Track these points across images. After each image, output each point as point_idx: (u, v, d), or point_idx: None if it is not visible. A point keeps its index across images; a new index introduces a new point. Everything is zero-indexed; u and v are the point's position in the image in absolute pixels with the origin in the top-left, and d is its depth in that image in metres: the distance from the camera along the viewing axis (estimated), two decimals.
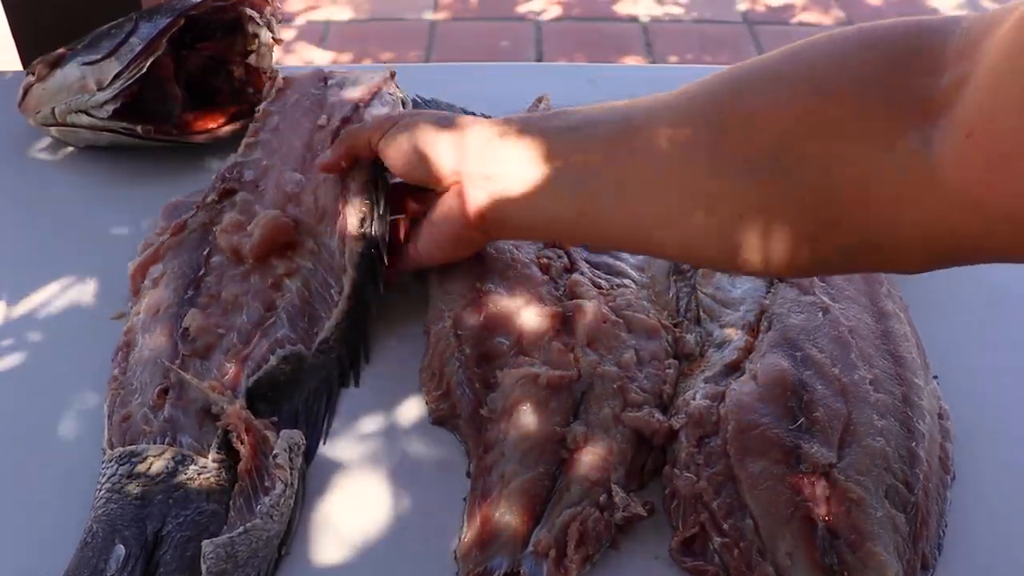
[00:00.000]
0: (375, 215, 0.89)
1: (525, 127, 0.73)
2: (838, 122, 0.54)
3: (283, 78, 1.07)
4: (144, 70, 1.03)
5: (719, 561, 0.70)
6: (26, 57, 1.33)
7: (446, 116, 0.79)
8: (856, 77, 0.54)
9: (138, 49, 1.03)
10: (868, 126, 0.53)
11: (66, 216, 1.03)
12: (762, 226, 0.58)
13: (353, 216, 0.89)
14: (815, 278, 0.87)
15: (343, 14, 3.21)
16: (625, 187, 0.65)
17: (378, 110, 1.00)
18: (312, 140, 0.96)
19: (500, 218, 0.77)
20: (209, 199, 0.93)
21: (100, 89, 1.03)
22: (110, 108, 1.03)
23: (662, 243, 0.67)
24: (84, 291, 0.93)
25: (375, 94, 1.03)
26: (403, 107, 1.05)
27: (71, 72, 1.05)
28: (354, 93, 1.03)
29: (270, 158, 0.96)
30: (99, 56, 1.04)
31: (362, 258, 0.88)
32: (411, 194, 0.87)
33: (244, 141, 0.99)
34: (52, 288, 0.93)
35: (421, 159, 0.78)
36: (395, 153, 0.80)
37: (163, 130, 1.07)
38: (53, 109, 1.05)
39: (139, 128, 1.05)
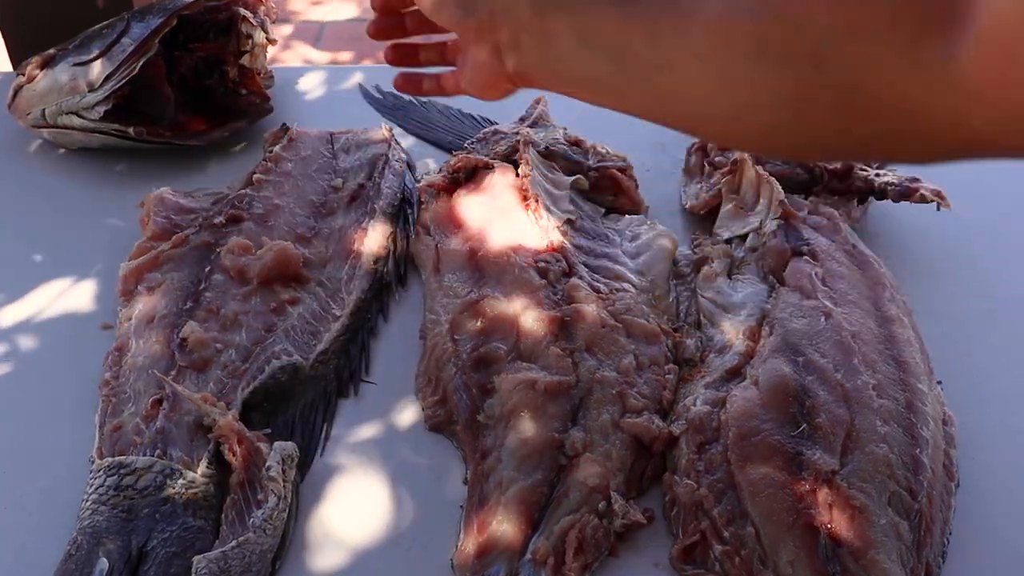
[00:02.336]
0: (390, 258, 0.95)
1: None
2: (873, 28, 0.58)
3: (295, 130, 1.07)
4: (136, 71, 1.02)
5: (720, 569, 0.70)
6: (16, 58, 1.32)
7: None
8: None
9: (130, 50, 1.02)
10: (899, 33, 0.57)
11: (57, 218, 1.02)
12: (797, 114, 0.62)
13: (369, 255, 0.93)
14: (818, 283, 0.87)
15: (342, 13, 3.20)
16: (670, 63, 0.66)
17: (389, 180, 1.03)
18: (327, 199, 1.00)
19: (534, 77, 0.74)
20: (216, 221, 0.94)
21: (91, 90, 1.02)
22: (101, 109, 1.02)
23: (700, 117, 0.68)
24: (74, 294, 0.92)
25: (386, 163, 1.05)
26: (409, 168, 1.07)
27: (61, 73, 1.04)
28: (364, 157, 1.05)
29: (281, 198, 0.98)
30: (89, 57, 1.03)
31: (370, 284, 0.92)
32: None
33: (254, 176, 1.00)
34: (42, 291, 0.92)
35: (446, 6, 0.75)
36: None
37: (155, 132, 1.06)
38: (43, 111, 1.05)
39: (131, 130, 1.05)
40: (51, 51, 1.08)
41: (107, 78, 1.02)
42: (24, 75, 1.07)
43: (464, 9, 0.74)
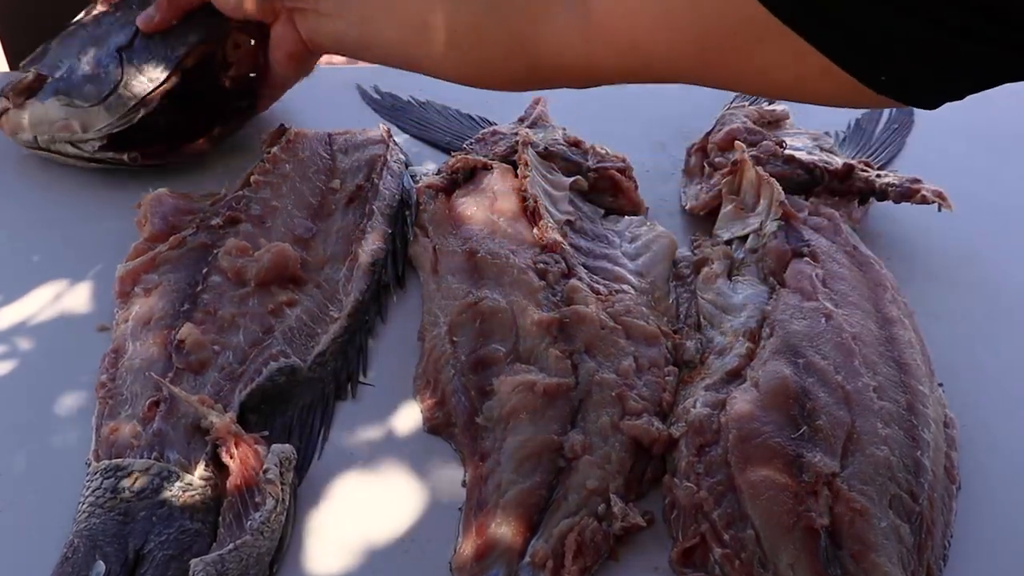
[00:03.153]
0: (388, 260, 0.95)
1: None
2: None
3: (293, 131, 1.06)
4: (135, 121, 1.01)
5: (720, 572, 0.69)
6: (12, 55, 1.32)
7: None
8: None
9: (131, 104, 0.99)
10: None
11: (54, 219, 1.02)
12: (473, 41, 0.81)
13: (367, 256, 0.93)
14: (819, 284, 0.87)
15: None
16: (388, 10, 0.86)
17: (388, 182, 1.03)
18: (326, 200, 1.00)
19: (316, 40, 0.95)
20: (214, 222, 0.93)
21: (85, 131, 1.00)
22: (97, 144, 1.02)
23: (408, 53, 0.89)
24: (71, 296, 0.92)
25: (384, 164, 1.04)
26: (407, 169, 1.08)
27: (53, 110, 1.01)
28: (362, 158, 1.05)
29: (279, 200, 0.97)
30: (85, 103, 1.00)
31: (368, 286, 0.91)
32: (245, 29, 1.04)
33: (252, 177, 0.99)
34: (38, 292, 0.92)
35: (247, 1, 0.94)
36: None
37: (152, 153, 1.05)
38: (36, 137, 1.03)
39: (126, 156, 1.03)
40: (31, 75, 1.03)
41: (105, 125, 1.00)
42: (8, 99, 1.03)
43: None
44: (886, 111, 1.21)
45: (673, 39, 0.61)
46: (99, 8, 1.06)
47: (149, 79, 1.00)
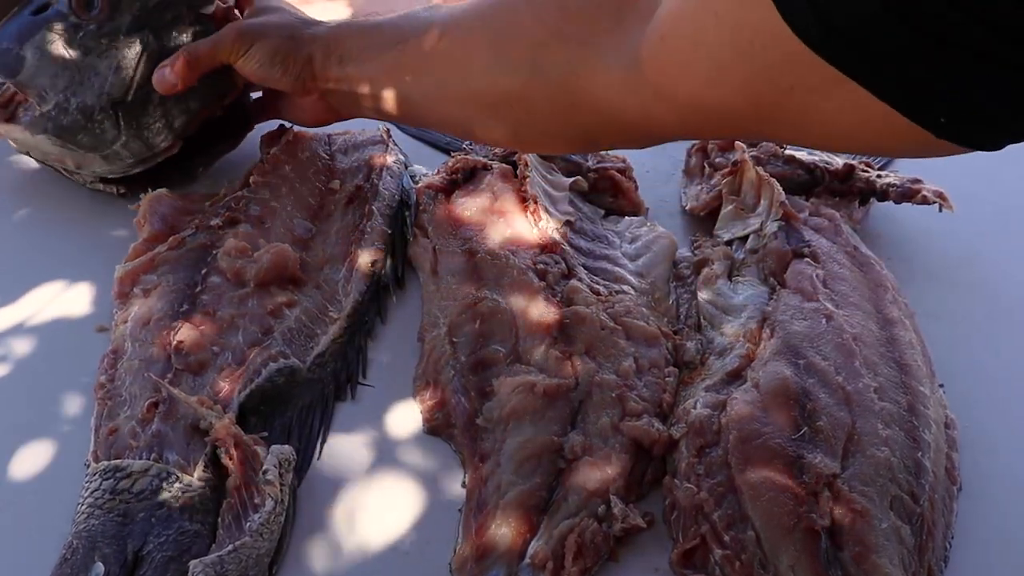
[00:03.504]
0: (387, 261, 0.95)
1: (359, 44, 0.89)
2: (575, 33, 0.70)
3: (292, 132, 1.05)
4: (131, 174, 0.99)
5: (720, 573, 0.69)
6: None
7: (292, 37, 0.91)
8: (592, 2, 0.71)
9: (128, 162, 0.96)
10: (597, 36, 0.69)
11: (53, 219, 1.01)
12: (524, 110, 0.77)
13: (366, 257, 0.93)
14: (819, 285, 0.87)
15: (337, 12, 3.19)
16: (430, 91, 0.84)
17: (387, 182, 1.03)
18: (325, 201, 0.99)
19: (353, 114, 0.96)
20: (213, 223, 0.93)
21: (79, 168, 0.98)
22: (91, 178, 1.00)
23: (461, 127, 0.88)
24: (70, 296, 0.92)
25: (383, 166, 1.04)
26: (405, 168, 1.07)
27: (45, 145, 0.95)
28: (361, 158, 1.05)
29: (278, 201, 0.97)
30: (80, 149, 0.95)
31: (367, 287, 0.91)
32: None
33: (251, 178, 0.99)
34: (37, 293, 0.92)
35: (281, 79, 0.91)
36: (257, 74, 0.92)
37: (141, 187, 0.99)
38: (28, 152, 1.00)
39: (116, 190, 1.01)
40: (7, 90, 0.98)
41: (101, 170, 0.98)
42: None
43: (292, 76, 0.90)
44: None
45: (727, 95, 0.57)
46: (75, 16, 0.93)
47: (148, 146, 0.96)
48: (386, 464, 0.78)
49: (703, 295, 0.90)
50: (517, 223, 0.95)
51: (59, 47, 0.93)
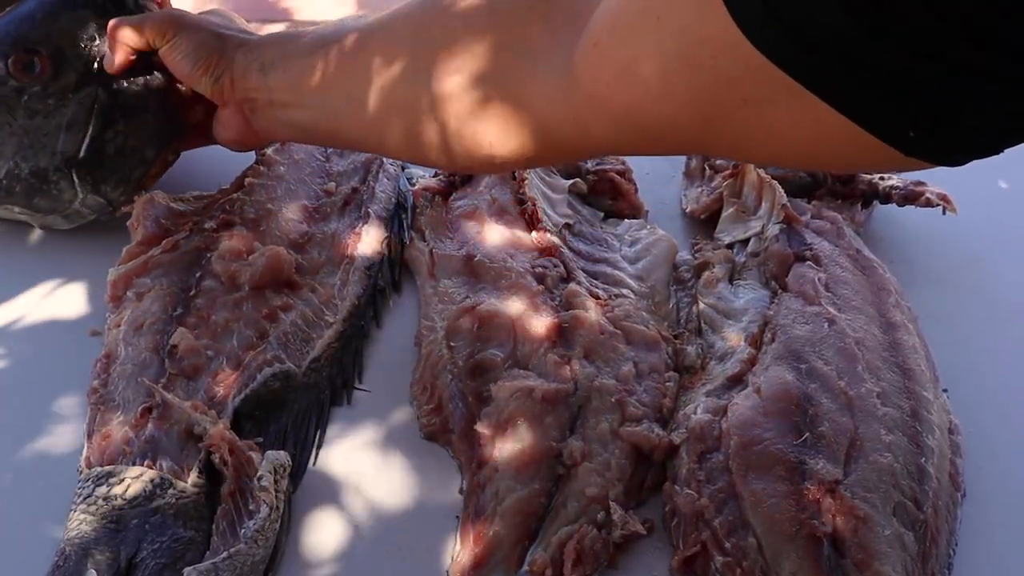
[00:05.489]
0: (384, 264, 0.94)
1: (281, 52, 0.84)
2: (508, 43, 0.66)
3: None
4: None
5: None
6: None
7: (220, 36, 0.86)
8: (523, 5, 0.66)
9: (90, 218, 0.94)
10: (530, 44, 0.64)
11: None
12: (449, 123, 0.70)
13: (362, 260, 0.92)
14: (821, 288, 0.86)
15: (335, 12, 3.20)
16: (351, 100, 0.77)
17: (384, 184, 1.02)
18: (320, 203, 0.99)
19: (269, 129, 0.88)
20: (207, 225, 0.92)
21: (44, 227, 0.97)
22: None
23: (381, 142, 0.79)
24: (62, 300, 0.91)
25: (380, 166, 1.04)
26: (402, 170, 1.06)
27: (2, 212, 0.94)
28: (357, 160, 1.04)
29: (273, 202, 0.96)
30: (38, 213, 0.93)
31: (364, 290, 0.91)
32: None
33: (246, 180, 0.98)
34: (29, 296, 0.91)
35: (201, 77, 0.86)
36: (178, 64, 0.86)
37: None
38: None
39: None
40: None
41: (65, 226, 0.96)
42: None
43: (212, 77, 0.85)
44: None
45: (670, 108, 0.53)
46: (15, 80, 0.89)
47: (108, 201, 0.93)
48: (383, 470, 0.78)
49: (704, 299, 0.90)
50: (515, 226, 0.95)
51: (3, 112, 0.90)
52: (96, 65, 0.89)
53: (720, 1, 0.45)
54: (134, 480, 0.71)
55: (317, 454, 0.79)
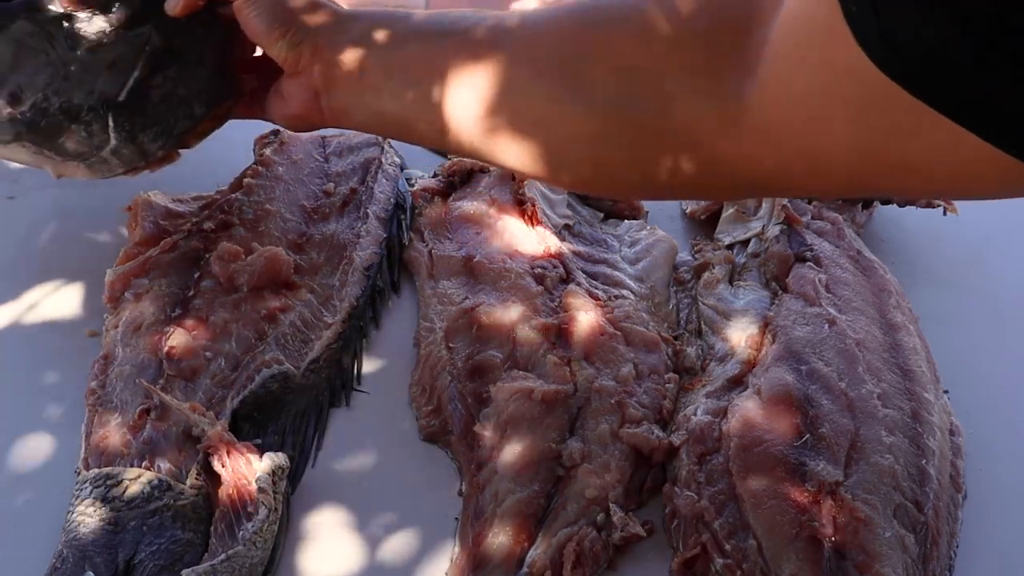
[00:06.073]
0: (383, 265, 0.94)
1: (384, 29, 0.75)
2: (674, 70, 0.62)
3: (287, 133, 1.04)
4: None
5: None
6: None
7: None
8: (691, 32, 0.61)
9: (117, 171, 0.84)
10: (696, 75, 0.61)
11: (43, 222, 1.00)
12: (600, 150, 0.65)
13: (361, 261, 0.92)
14: (822, 289, 0.86)
15: None
16: (467, 100, 0.70)
17: (383, 185, 1.02)
18: (319, 204, 0.98)
19: (344, 111, 0.78)
20: (206, 226, 0.92)
21: (59, 177, 0.87)
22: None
23: (495, 152, 0.71)
24: (60, 301, 0.91)
25: (379, 167, 1.03)
26: (401, 171, 1.06)
27: (18, 154, 0.84)
28: (356, 161, 1.04)
29: (272, 203, 0.96)
30: (59, 157, 0.82)
31: (362, 291, 0.90)
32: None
33: (245, 180, 0.98)
34: (27, 297, 0.91)
35: (277, 39, 0.76)
36: (253, 20, 0.77)
37: None
38: None
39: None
40: None
41: (83, 177, 0.85)
42: None
43: (290, 41, 0.76)
44: None
45: (829, 144, 0.52)
46: (59, 6, 0.80)
47: (142, 152, 0.83)
48: (381, 472, 0.78)
49: (704, 300, 0.90)
50: (514, 227, 0.94)
51: (40, 39, 0.79)
52: (154, 4, 0.80)
53: (848, 31, 0.45)
54: (132, 482, 0.71)
55: (316, 456, 0.79)
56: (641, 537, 0.72)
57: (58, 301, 0.91)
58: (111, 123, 0.80)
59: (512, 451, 0.75)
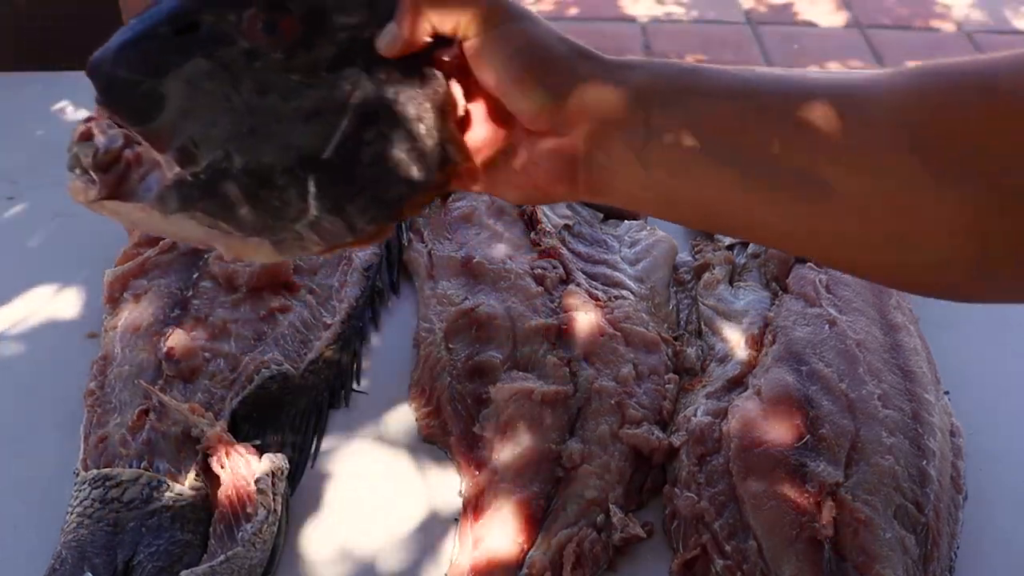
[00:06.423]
0: (382, 265, 0.93)
1: (676, 81, 0.58)
2: None
3: None
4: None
5: None
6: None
7: (565, 40, 0.59)
8: None
9: (315, 249, 0.63)
10: None
11: (41, 222, 1.00)
12: (980, 243, 0.52)
13: (360, 261, 0.92)
14: (822, 290, 0.86)
15: None
16: (822, 177, 0.54)
17: None
18: None
19: (612, 184, 0.59)
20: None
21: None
22: None
23: (856, 247, 0.56)
24: (58, 302, 0.91)
25: None
26: None
27: (186, 228, 0.62)
28: None
29: None
30: (239, 232, 0.61)
31: (362, 292, 0.90)
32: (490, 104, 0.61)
33: None
34: (26, 298, 0.91)
35: (532, 87, 0.57)
36: (499, 63, 0.58)
37: None
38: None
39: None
40: (123, 140, 0.63)
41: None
42: (94, 179, 0.63)
43: (550, 93, 0.57)
44: None
45: None
46: (246, 40, 0.60)
47: (349, 227, 0.62)
48: (381, 473, 0.78)
49: (704, 300, 0.89)
50: (514, 227, 0.94)
51: (223, 81, 0.61)
52: (364, 41, 0.62)
53: None
54: (131, 483, 0.71)
55: (315, 457, 0.79)
56: (641, 538, 0.72)
57: (57, 302, 0.91)
58: (311, 188, 0.61)
59: (512, 452, 0.75)
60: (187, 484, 0.72)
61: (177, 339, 0.80)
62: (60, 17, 1.17)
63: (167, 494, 0.71)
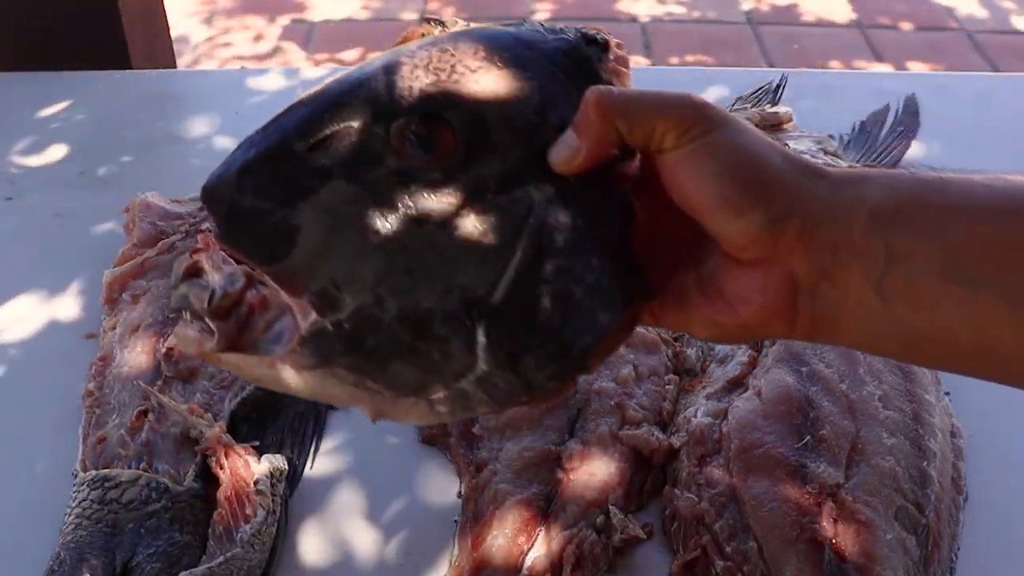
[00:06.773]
0: None
1: (915, 197, 0.49)
2: None
3: None
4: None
5: None
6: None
7: (785, 155, 0.50)
8: None
9: (483, 409, 0.52)
10: None
11: (40, 223, 1.00)
12: None
13: None
14: None
15: (338, 12, 3.20)
16: None
17: None
18: None
19: (841, 323, 0.50)
20: (204, 226, 0.91)
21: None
22: None
23: None
24: (57, 303, 0.91)
25: None
26: None
27: (326, 386, 0.50)
28: None
29: None
30: (388, 392, 0.50)
31: None
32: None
33: None
34: (24, 299, 0.91)
35: (745, 210, 0.48)
36: (702, 182, 0.49)
37: None
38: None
39: None
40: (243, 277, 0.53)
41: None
42: (208, 326, 0.52)
43: (769, 216, 0.48)
44: (891, 113, 1.20)
45: None
46: (395, 159, 0.50)
47: (525, 383, 0.50)
48: (380, 474, 0.77)
49: None
50: None
51: (368, 209, 0.50)
52: (535, 157, 0.51)
53: None
54: (130, 484, 0.71)
55: (314, 458, 0.79)
56: (641, 539, 0.72)
57: (55, 302, 0.91)
58: (480, 338, 0.50)
59: (511, 452, 0.75)
60: (186, 485, 0.72)
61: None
62: (60, 17, 1.17)
63: (166, 495, 0.71)
